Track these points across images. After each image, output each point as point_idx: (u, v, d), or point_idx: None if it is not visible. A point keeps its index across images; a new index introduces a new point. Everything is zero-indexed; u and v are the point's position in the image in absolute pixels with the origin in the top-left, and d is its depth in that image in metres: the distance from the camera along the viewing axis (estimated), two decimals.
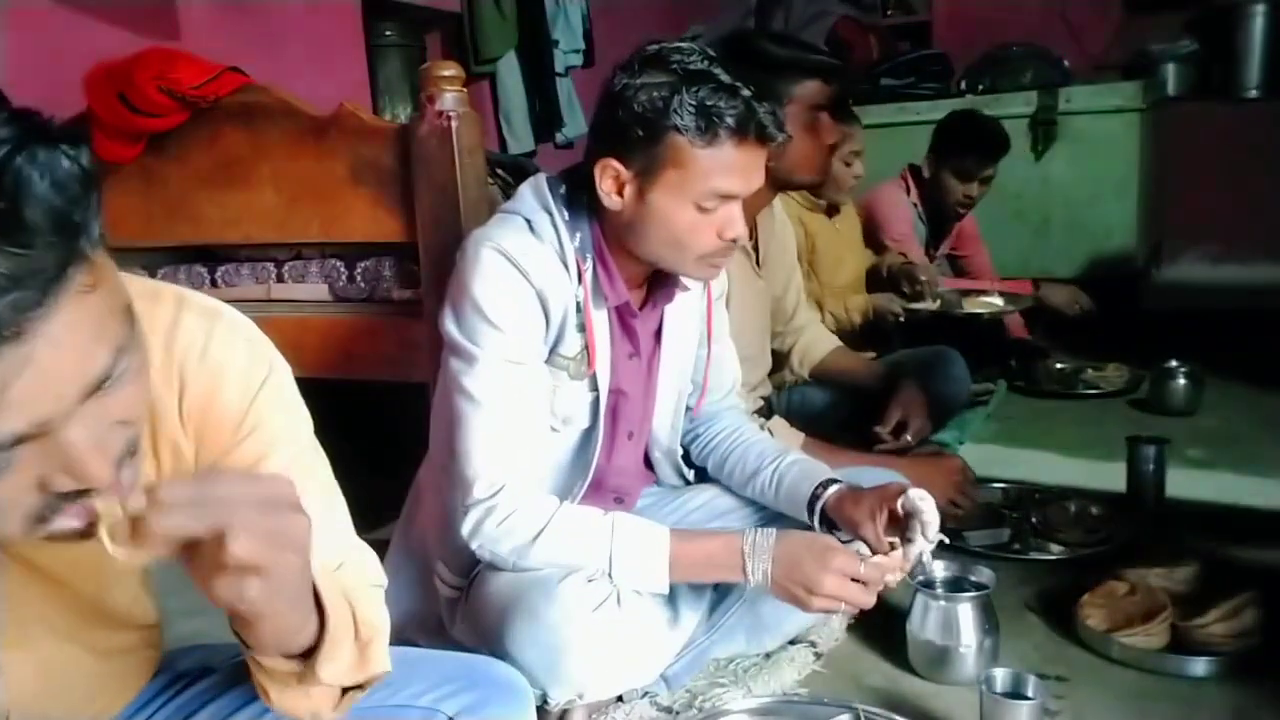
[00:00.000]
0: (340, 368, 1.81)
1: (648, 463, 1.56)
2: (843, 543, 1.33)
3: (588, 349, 1.32)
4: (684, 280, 1.40)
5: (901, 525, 1.31)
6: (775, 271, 2.09)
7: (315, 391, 0.93)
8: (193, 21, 2.59)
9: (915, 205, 2.99)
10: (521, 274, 1.26)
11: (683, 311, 1.45)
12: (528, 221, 1.30)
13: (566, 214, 1.31)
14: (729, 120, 1.20)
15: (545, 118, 4.03)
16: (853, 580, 1.24)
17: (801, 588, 1.24)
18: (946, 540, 1.34)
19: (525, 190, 1.35)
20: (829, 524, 1.41)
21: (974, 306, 2.55)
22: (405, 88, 3.54)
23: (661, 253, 1.29)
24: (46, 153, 0.52)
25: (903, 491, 1.31)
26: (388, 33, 3.56)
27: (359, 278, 1.85)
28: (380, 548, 1.14)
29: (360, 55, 3.37)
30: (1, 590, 0.73)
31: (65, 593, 0.77)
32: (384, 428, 1.84)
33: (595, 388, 1.35)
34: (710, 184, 1.23)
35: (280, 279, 1.93)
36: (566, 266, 1.29)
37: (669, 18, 4.74)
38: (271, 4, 2.87)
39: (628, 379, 1.41)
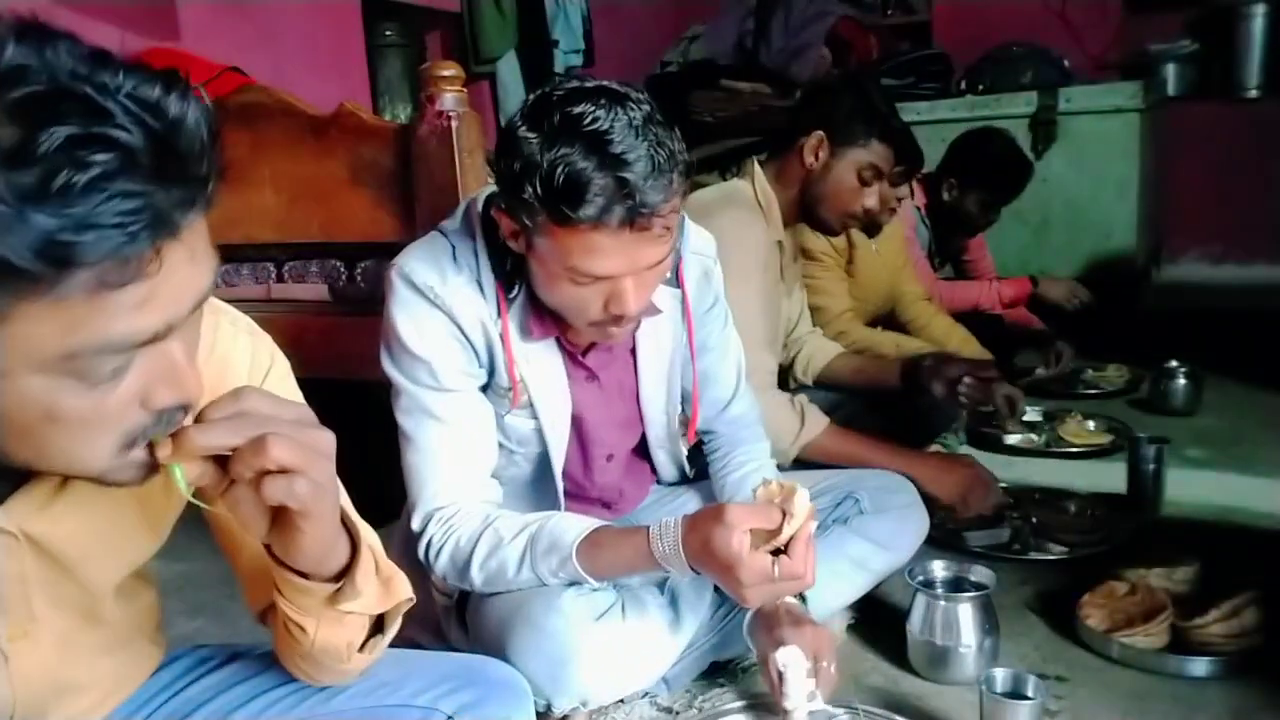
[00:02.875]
0: (340, 368, 1.81)
1: (651, 467, 1.55)
2: None
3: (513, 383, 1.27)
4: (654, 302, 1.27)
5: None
6: (789, 281, 2.11)
7: (315, 391, 0.94)
8: (193, 21, 2.59)
9: (919, 209, 2.98)
10: (429, 301, 1.21)
11: (659, 327, 1.37)
12: (452, 246, 1.24)
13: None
14: (588, 205, 1.03)
15: None
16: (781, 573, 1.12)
17: (732, 593, 1.15)
18: (818, 702, 1.23)
19: (460, 211, 1.28)
20: None
21: (1070, 436, 2.53)
22: (405, 88, 3.55)
23: (559, 305, 1.19)
24: (193, 94, 0.60)
25: (779, 646, 1.23)
26: (388, 33, 3.57)
27: (359, 278, 1.85)
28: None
29: (360, 55, 3.38)
30: (16, 575, 0.74)
31: (75, 581, 0.78)
32: (384, 428, 1.84)
33: (535, 416, 1.31)
34: (573, 263, 1.09)
35: (280, 279, 1.93)
36: (485, 295, 1.23)
37: (668, 18, 4.74)
38: (271, 4, 2.87)
39: (587, 403, 1.36)
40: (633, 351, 1.39)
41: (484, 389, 1.30)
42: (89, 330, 0.57)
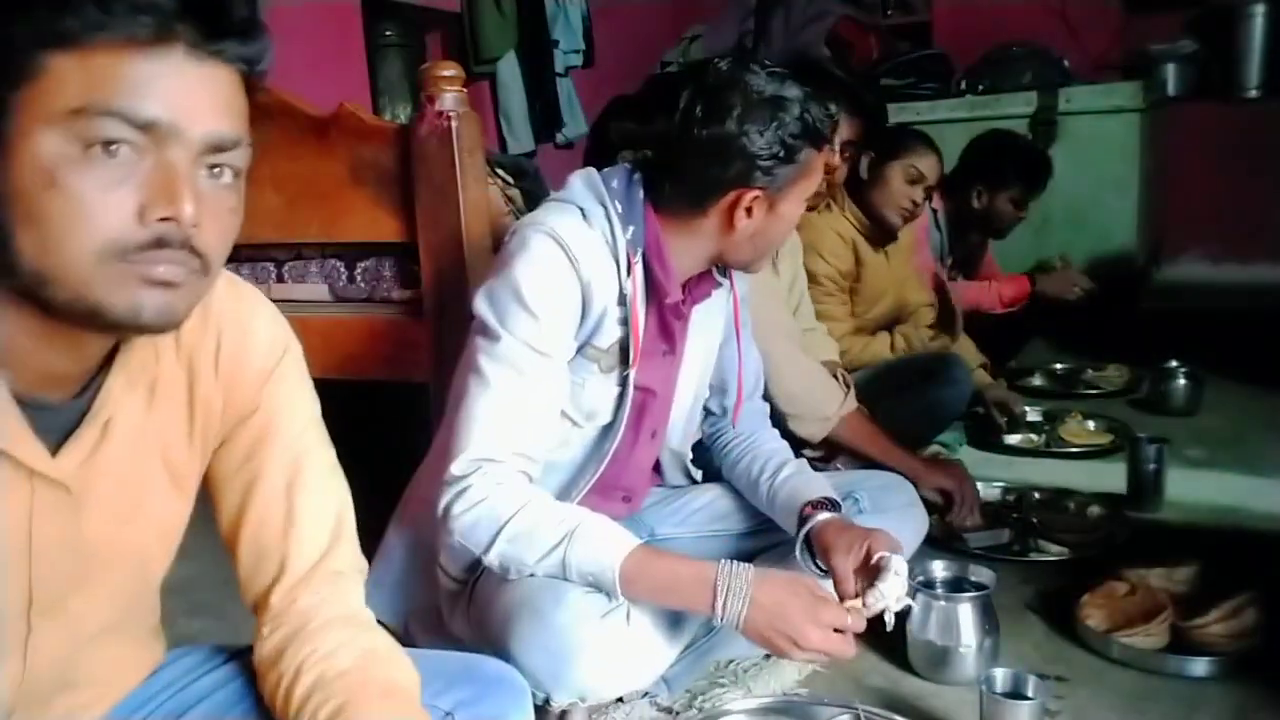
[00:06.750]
0: (340, 368, 1.81)
1: (656, 464, 1.56)
2: (823, 574, 1.33)
3: (628, 344, 1.32)
4: (716, 275, 1.42)
5: (871, 574, 1.28)
6: (783, 272, 2.11)
7: (315, 392, 0.94)
8: None
9: (935, 210, 2.96)
10: (571, 262, 1.26)
11: (709, 311, 1.45)
12: (581, 210, 1.30)
13: (620, 207, 1.31)
14: (828, 123, 1.31)
15: (545, 118, 4.04)
16: (836, 630, 1.18)
17: (784, 638, 1.17)
18: (912, 605, 1.31)
19: (576, 181, 1.35)
20: (810, 548, 1.39)
21: (1070, 436, 2.51)
22: (405, 88, 3.54)
23: (768, 249, 1.39)
24: None
25: (888, 544, 1.29)
26: (388, 33, 3.57)
27: (359, 278, 1.85)
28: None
29: (360, 55, 3.37)
30: (59, 538, 0.75)
31: (118, 568, 0.80)
32: (384, 428, 1.84)
33: (623, 383, 1.34)
34: (821, 177, 1.38)
35: (280, 279, 1.93)
36: (617, 259, 1.30)
37: (669, 18, 4.74)
38: (271, 4, 2.86)
39: (657, 378, 1.41)
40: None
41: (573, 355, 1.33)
42: (102, 89, 0.64)
